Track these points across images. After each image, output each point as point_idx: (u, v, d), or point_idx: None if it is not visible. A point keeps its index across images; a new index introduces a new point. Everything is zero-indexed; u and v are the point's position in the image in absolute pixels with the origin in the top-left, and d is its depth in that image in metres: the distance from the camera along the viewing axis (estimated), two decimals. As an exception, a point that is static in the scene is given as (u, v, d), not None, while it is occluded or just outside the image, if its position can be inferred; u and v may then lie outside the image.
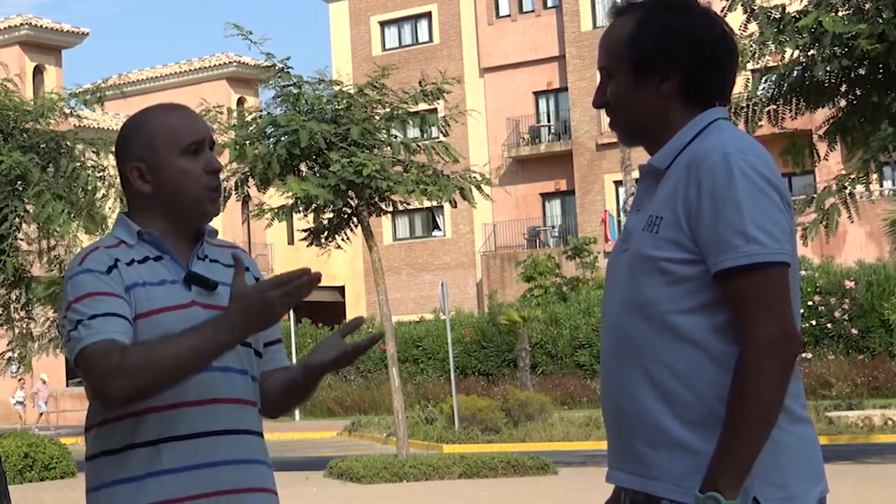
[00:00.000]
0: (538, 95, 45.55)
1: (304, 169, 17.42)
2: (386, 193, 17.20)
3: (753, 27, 15.05)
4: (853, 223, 18.56)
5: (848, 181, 15.50)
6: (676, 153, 2.55)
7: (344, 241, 17.98)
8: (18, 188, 16.93)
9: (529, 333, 32.01)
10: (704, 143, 2.52)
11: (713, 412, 2.42)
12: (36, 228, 17.35)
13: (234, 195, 17.70)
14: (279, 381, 2.80)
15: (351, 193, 17.12)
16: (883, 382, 29.73)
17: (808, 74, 14.76)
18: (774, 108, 15.38)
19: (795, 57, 15.03)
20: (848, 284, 31.97)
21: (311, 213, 17.57)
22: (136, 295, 2.63)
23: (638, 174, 2.69)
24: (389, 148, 17.47)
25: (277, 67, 17.32)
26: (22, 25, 41.29)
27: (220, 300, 2.69)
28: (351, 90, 17.53)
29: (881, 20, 14.10)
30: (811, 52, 14.63)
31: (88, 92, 18.46)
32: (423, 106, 18.06)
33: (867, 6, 14.42)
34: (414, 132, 18.80)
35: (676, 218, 2.47)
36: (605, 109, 2.67)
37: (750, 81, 15.60)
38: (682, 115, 2.59)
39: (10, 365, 18.40)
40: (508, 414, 24.56)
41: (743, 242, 2.40)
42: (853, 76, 14.84)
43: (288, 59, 17.32)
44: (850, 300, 31.95)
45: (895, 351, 31.18)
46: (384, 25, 48.39)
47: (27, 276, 17.53)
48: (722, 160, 2.45)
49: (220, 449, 2.64)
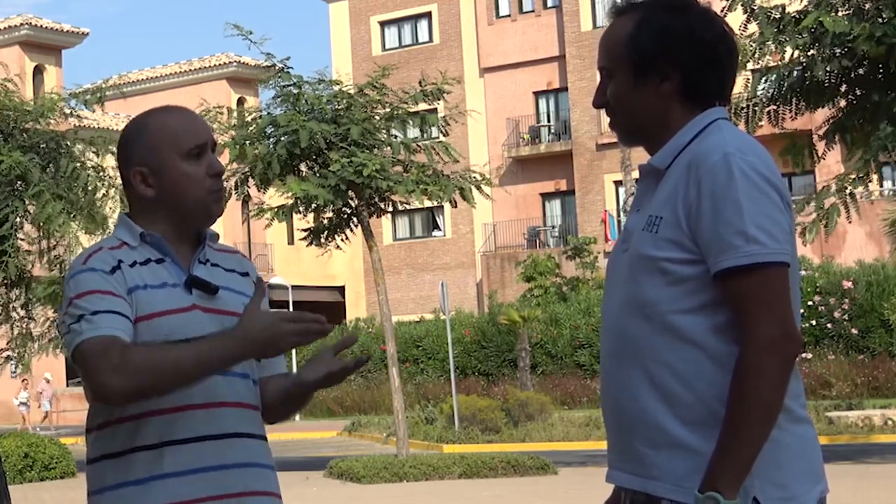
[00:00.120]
0: (538, 95, 45.55)
1: (304, 169, 17.41)
2: (386, 193, 17.19)
3: (753, 27, 15.04)
4: (854, 223, 18.56)
5: (849, 181, 15.50)
6: (676, 153, 2.55)
7: (344, 241, 17.98)
8: (19, 188, 16.93)
9: (529, 333, 32.00)
10: (704, 143, 2.52)
11: (713, 412, 2.42)
12: (36, 228, 17.35)
13: (234, 195, 17.70)
14: (276, 388, 2.80)
15: (351, 193, 17.12)
16: (883, 382, 29.72)
17: (808, 74, 14.75)
18: (774, 108, 15.37)
19: (795, 57, 15.03)
20: (846, 285, 31.95)
21: (311, 213, 17.57)
22: (137, 297, 2.63)
23: (638, 174, 2.69)
24: (389, 148, 17.47)
25: (277, 67, 17.31)
26: (22, 25, 41.29)
27: (220, 304, 2.70)
28: (351, 90, 17.52)
29: (881, 20, 14.09)
30: (811, 52, 14.62)
31: (88, 92, 18.45)
32: (423, 106, 18.05)
33: (867, 6, 14.41)
34: (414, 132, 18.79)
35: (676, 218, 2.48)
36: (605, 109, 2.67)
37: (750, 81, 15.59)
38: (682, 115, 2.59)
39: (7, 363, 18.37)
40: (508, 414, 24.56)
41: (743, 242, 2.40)
42: (853, 76, 14.83)
43: (288, 59, 17.33)
44: (849, 300, 31.93)
45: (895, 351, 31.17)
46: (384, 25, 48.39)
47: (27, 275, 17.52)
48: (722, 160, 2.45)
49: (222, 452, 2.64)
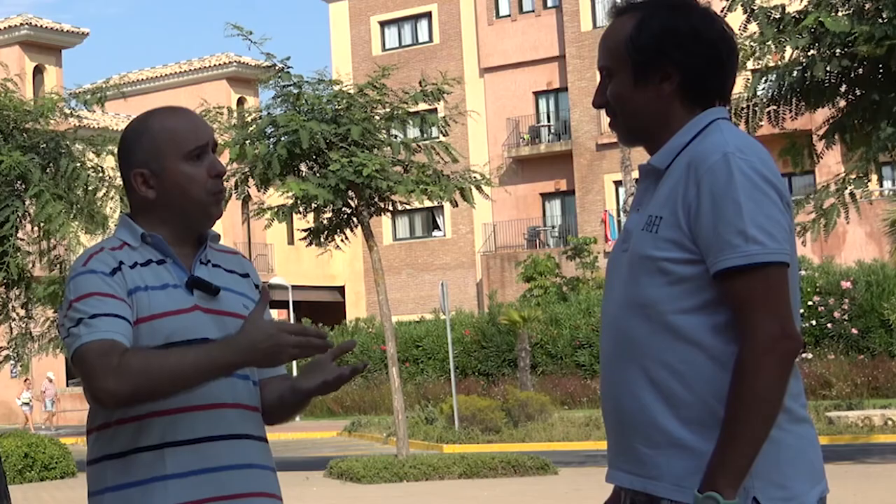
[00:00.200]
0: (538, 95, 45.53)
1: (304, 169, 17.40)
2: (386, 193, 17.18)
3: (753, 27, 15.03)
4: (854, 223, 18.55)
5: (849, 181, 15.50)
6: (676, 153, 2.56)
7: (344, 241, 17.97)
8: (19, 188, 16.92)
9: (529, 333, 31.99)
10: (704, 142, 2.52)
11: (713, 412, 2.42)
12: (36, 228, 17.34)
13: (234, 195, 17.70)
14: (275, 391, 2.80)
15: (351, 193, 17.12)
16: (883, 382, 29.71)
17: (808, 74, 14.74)
18: (775, 108, 15.36)
19: (795, 57, 15.01)
20: (845, 285, 31.93)
21: (310, 213, 17.56)
22: (138, 299, 2.63)
23: (638, 174, 2.69)
24: (389, 148, 17.46)
25: (277, 67, 17.29)
26: (22, 25, 41.27)
27: (221, 305, 2.70)
28: (351, 90, 17.51)
29: (881, 20, 14.08)
30: (811, 52, 14.61)
31: (88, 92, 18.43)
32: (423, 106, 18.05)
33: (867, 6, 14.40)
34: (414, 132, 18.78)
35: (676, 218, 2.48)
36: (605, 109, 2.67)
37: (750, 81, 15.58)
38: (682, 114, 2.59)
39: (6, 362, 18.36)
40: (508, 414, 24.55)
41: (742, 242, 2.40)
42: (853, 76, 14.82)
43: (288, 59, 17.30)
44: (849, 300, 31.91)
45: (895, 351, 31.16)
46: (384, 25, 48.38)
47: (27, 275, 17.51)
48: (722, 160, 2.45)
49: (223, 454, 2.64)
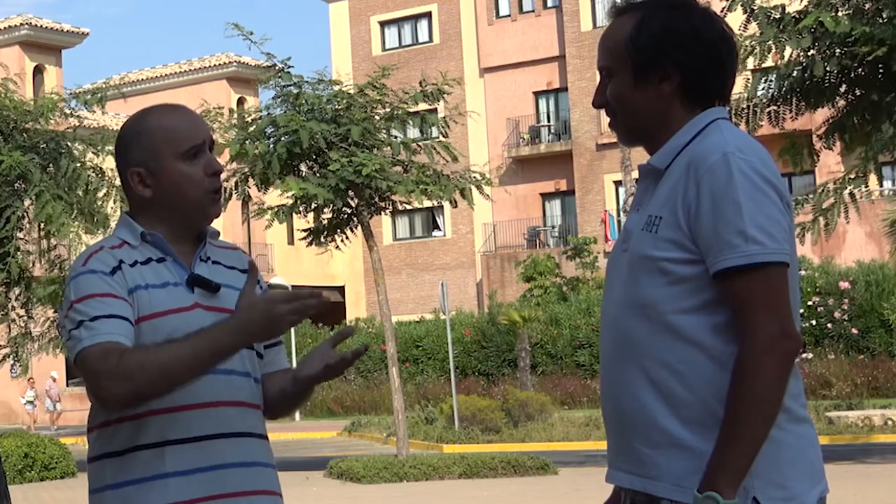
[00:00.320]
0: (538, 95, 45.52)
1: (304, 169, 17.40)
2: (386, 193, 17.18)
3: (753, 27, 15.02)
4: (853, 223, 18.55)
5: (849, 182, 15.50)
6: (676, 153, 2.56)
7: (344, 241, 17.96)
8: (19, 188, 16.92)
9: (529, 333, 31.98)
10: (704, 142, 2.52)
11: (713, 412, 2.42)
12: (36, 228, 17.35)
13: (234, 195, 17.69)
14: (277, 385, 2.80)
15: (351, 193, 17.12)
16: (883, 382, 29.70)
17: (808, 74, 14.74)
18: (775, 108, 15.36)
19: (795, 57, 15.01)
20: (844, 285, 31.92)
21: (310, 213, 17.56)
22: (138, 298, 2.62)
23: (638, 174, 2.69)
24: (389, 148, 17.46)
25: (277, 67, 17.29)
26: (22, 25, 41.26)
27: (222, 302, 2.69)
28: (351, 90, 17.50)
29: (881, 20, 14.08)
30: (811, 52, 14.61)
31: (89, 92, 18.44)
32: (423, 106, 18.04)
33: (867, 6, 14.40)
34: (414, 132, 18.77)
35: (676, 218, 2.48)
36: (605, 109, 2.67)
37: (750, 81, 15.58)
38: (682, 114, 2.59)
39: (5, 361, 18.37)
40: (508, 414, 24.55)
41: (742, 242, 2.40)
42: (853, 76, 14.82)
43: (288, 59, 17.30)
44: (849, 300, 31.91)
45: (895, 351, 31.16)
46: (384, 25, 48.38)
47: (27, 275, 17.51)
48: (721, 160, 2.45)
49: (224, 452, 2.64)
